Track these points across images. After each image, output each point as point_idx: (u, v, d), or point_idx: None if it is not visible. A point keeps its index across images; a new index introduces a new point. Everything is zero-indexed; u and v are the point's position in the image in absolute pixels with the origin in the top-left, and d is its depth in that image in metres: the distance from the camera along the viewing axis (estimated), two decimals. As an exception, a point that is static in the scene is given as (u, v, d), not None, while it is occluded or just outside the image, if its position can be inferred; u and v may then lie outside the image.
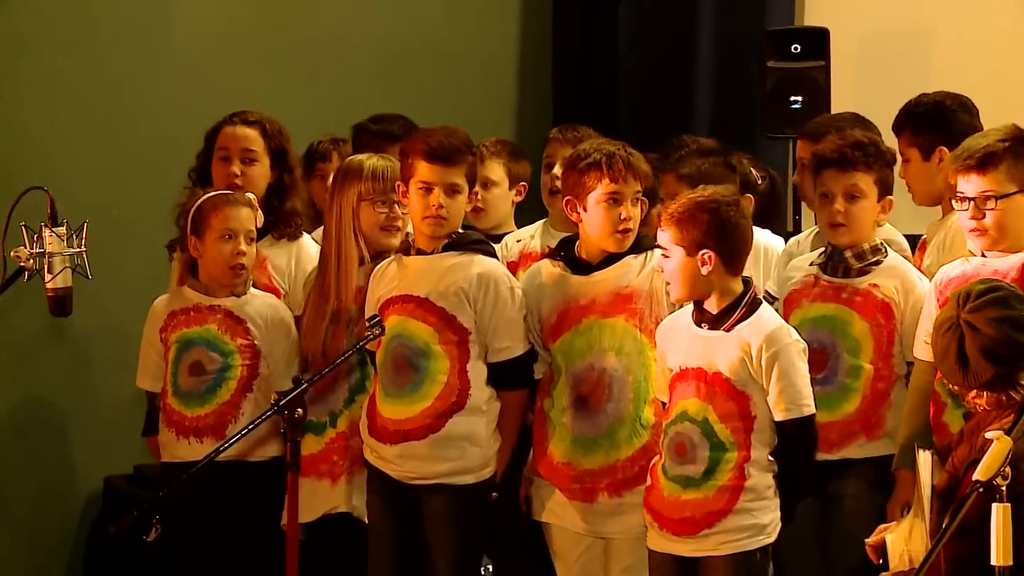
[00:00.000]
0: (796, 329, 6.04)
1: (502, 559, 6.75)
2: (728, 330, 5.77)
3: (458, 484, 6.12)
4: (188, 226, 6.44)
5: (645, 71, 9.96)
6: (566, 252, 6.21)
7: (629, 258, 6.11)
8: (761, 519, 5.75)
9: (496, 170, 7.22)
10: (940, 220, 6.46)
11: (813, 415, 5.80)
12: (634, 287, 6.08)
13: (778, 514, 5.79)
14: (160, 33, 8.61)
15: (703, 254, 5.73)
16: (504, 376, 6.18)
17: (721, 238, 5.78)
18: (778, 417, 5.74)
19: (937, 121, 6.59)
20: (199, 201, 6.45)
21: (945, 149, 6.42)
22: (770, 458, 5.77)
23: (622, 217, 6.02)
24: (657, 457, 5.88)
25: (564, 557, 6.21)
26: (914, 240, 6.66)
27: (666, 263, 5.76)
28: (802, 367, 5.78)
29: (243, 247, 6.45)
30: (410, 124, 7.35)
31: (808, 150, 6.91)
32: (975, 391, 5.19)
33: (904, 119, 6.67)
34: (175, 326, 6.47)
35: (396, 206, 6.37)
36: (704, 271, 5.74)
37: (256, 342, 6.49)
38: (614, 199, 6.02)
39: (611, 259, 6.11)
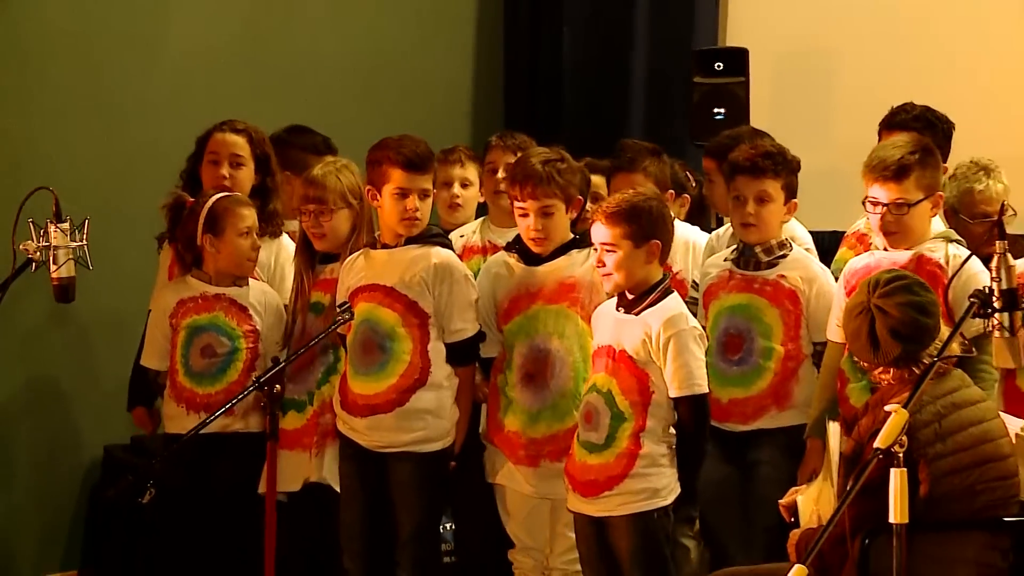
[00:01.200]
0: (715, 318, 6.19)
1: (461, 518, 6.76)
2: (636, 314, 5.82)
3: (422, 452, 6.15)
4: (201, 225, 6.41)
5: (586, 85, 9.98)
6: (520, 246, 6.23)
7: (574, 252, 6.14)
8: (656, 484, 5.79)
9: (473, 172, 7.24)
10: None
11: (705, 394, 5.85)
12: (576, 278, 6.12)
13: (674, 480, 5.84)
14: (154, 50, 8.60)
15: (652, 244, 5.79)
16: (459, 354, 6.21)
17: (663, 230, 5.86)
18: (673, 394, 5.79)
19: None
20: (209, 203, 6.44)
21: None
22: (671, 430, 5.81)
23: (527, 227, 6.11)
24: (577, 431, 5.92)
25: (514, 515, 6.26)
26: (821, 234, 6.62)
27: (610, 256, 5.76)
28: (697, 351, 5.82)
29: (256, 242, 6.51)
30: (325, 139, 7.37)
31: (712, 164, 7.02)
32: (882, 368, 5.26)
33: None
34: (184, 313, 6.46)
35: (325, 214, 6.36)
36: (650, 260, 5.79)
37: (257, 327, 6.51)
38: (521, 214, 6.12)
39: (557, 253, 6.14)
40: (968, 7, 8.82)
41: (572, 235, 6.17)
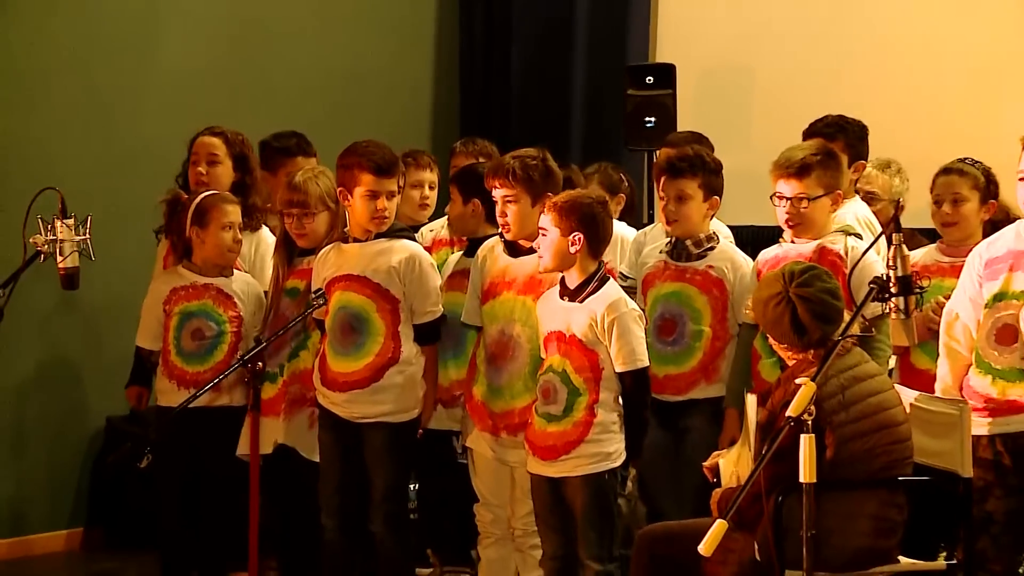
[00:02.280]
0: (652, 303, 6.17)
1: (426, 476, 6.77)
2: (581, 301, 5.79)
3: (394, 422, 6.14)
4: (189, 218, 6.42)
5: (533, 96, 9.96)
6: (504, 239, 6.21)
7: None
8: (607, 448, 5.77)
9: (436, 176, 7.27)
10: None
11: (646, 367, 5.83)
12: (543, 275, 6.05)
13: (622, 445, 5.82)
14: (147, 64, 8.57)
15: (574, 236, 5.75)
16: (425, 334, 6.20)
17: (590, 227, 5.80)
18: (618, 369, 5.76)
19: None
20: (198, 200, 6.46)
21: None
22: (616, 401, 5.80)
23: (497, 214, 6.12)
24: (536, 403, 5.90)
25: (480, 475, 6.24)
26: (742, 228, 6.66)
27: (543, 240, 5.77)
28: (637, 330, 5.80)
29: (238, 235, 6.50)
30: (303, 139, 7.32)
31: None
32: (787, 347, 5.28)
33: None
34: (176, 300, 6.45)
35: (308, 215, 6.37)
36: (572, 250, 5.75)
37: (241, 313, 6.51)
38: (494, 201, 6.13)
39: (533, 249, 6.08)
40: (866, 26, 8.86)
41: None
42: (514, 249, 6.14)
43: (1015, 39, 8.44)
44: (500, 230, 6.17)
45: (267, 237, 6.90)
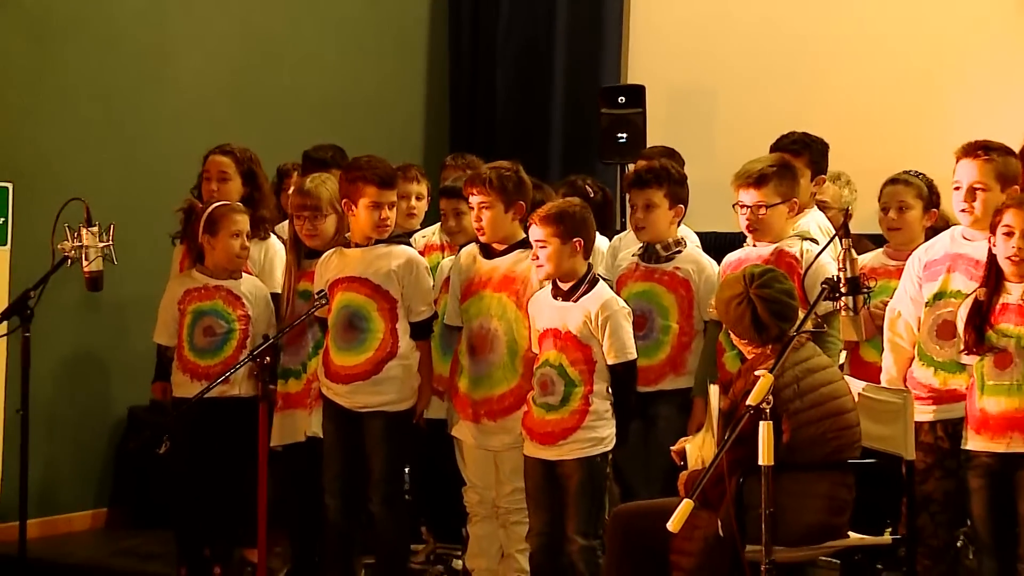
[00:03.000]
0: (625, 301, 6.09)
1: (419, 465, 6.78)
2: (575, 301, 5.80)
3: (391, 411, 6.14)
4: (201, 226, 6.44)
5: (515, 115, 9.97)
6: (480, 241, 6.22)
7: (519, 251, 6.11)
8: (600, 433, 5.79)
9: (424, 188, 7.21)
10: None
11: (635, 359, 5.86)
12: (517, 273, 6.08)
13: (613, 431, 5.84)
14: (163, 87, 8.59)
15: (575, 241, 5.78)
16: (420, 331, 6.20)
17: (585, 231, 5.85)
18: (610, 361, 5.78)
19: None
20: (210, 210, 6.47)
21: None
22: (608, 391, 5.81)
23: (473, 219, 6.13)
24: (531, 391, 5.90)
25: (467, 461, 6.24)
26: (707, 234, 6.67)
27: (543, 251, 5.77)
28: (626, 326, 5.82)
29: (245, 242, 6.51)
30: (340, 151, 7.32)
31: None
32: (748, 342, 5.31)
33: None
34: (190, 300, 6.46)
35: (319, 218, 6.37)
36: (574, 255, 5.79)
37: (249, 313, 6.51)
38: (470, 207, 6.15)
39: (508, 251, 6.14)
40: (820, 50, 8.88)
41: (525, 235, 6.10)
42: (488, 251, 6.15)
43: (954, 65, 8.49)
44: (476, 234, 6.19)
45: (275, 244, 6.90)
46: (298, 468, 6.37)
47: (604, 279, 6.34)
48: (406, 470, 6.67)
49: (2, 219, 7.72)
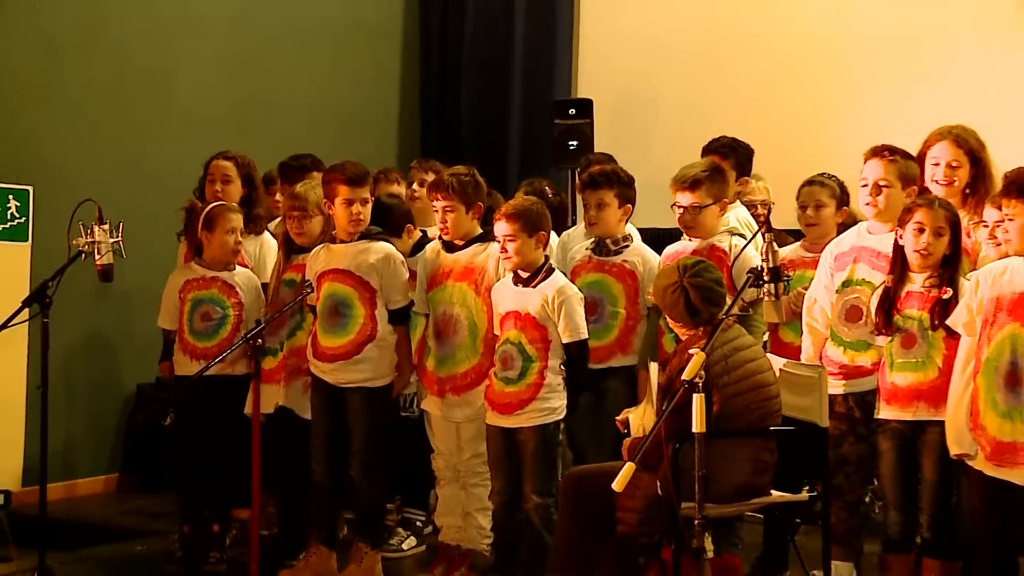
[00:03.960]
0: (579, 288, 6.12)
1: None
2: (534, 287, 5.81)
3: (371, 386, 6.14)
4: (200, 224, 6.43)
5: (479, 124, 9.97)
6: (443, 236, 6.22)
7: (476, 245, 6.12)
8: (553, 404, 5.79)
9: (402, 188, 7.19)
10: None
11: (586, 339, 5.86)
12: (476, 264, 6.09)
13: (564, 402, 5.85)
14: (169, 99, 8.62)
15: (539, 235, 5.82)
16: (398, 317, 6.18)
17: (546, 225, 5.89)
18: (565, 340, 5.79)
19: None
20: (207, 209, 6.46)
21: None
22: (561, 367, 5.82)
23: (438, 220, 6.14)
24: (492, 368, 5.91)
25: (435, 431, 6.26)
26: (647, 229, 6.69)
27: (511, 244, 5.78)
28: (579, 309, 5.83)
29: (239, 238, 6.50)
30: (316, 159, 7.21)
31: None
32: (682, 324, 5.31)
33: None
34: (189, 289, 6.43)
35: (307, 218, 6.37)
36: (538, 246, 5.82)
37: (242, 300, 6.48)
38: (435, 210, 6.14)
39: (466, 245, 6.14)
40: (745, 66, 8.91)
41: (481, 231, 6.14)
42: (449, 246, 6.16)
43: (860, 79, 8.53)
44: (439, 232, 6.21)
45: (268, 239, 6.89)
46: (280, 437, 6.32)
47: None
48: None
49: (23, 218, 7.73)
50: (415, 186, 7.15)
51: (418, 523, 6.96)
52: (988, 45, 8.19)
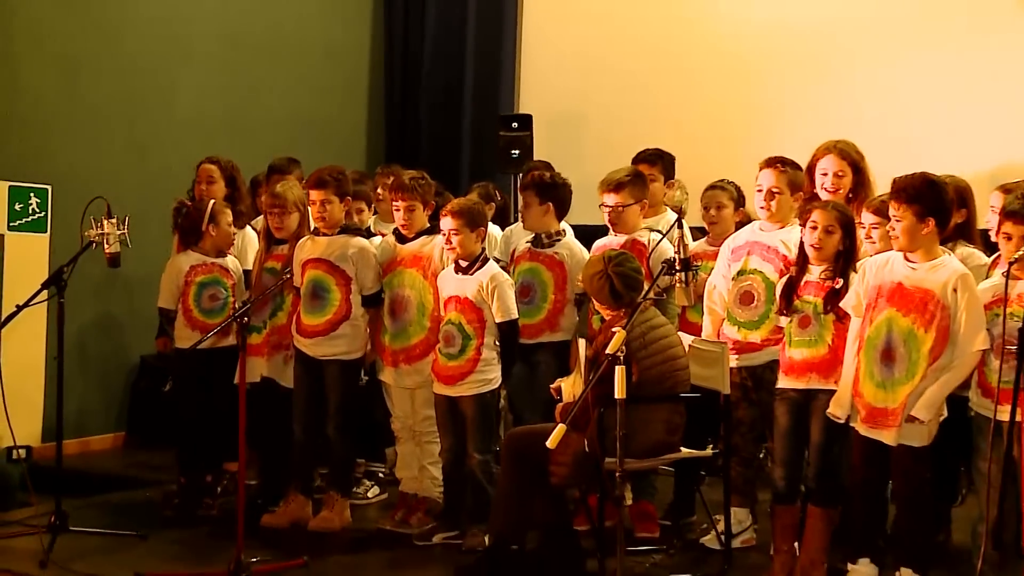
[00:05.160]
0: (517, 276, 6.14)
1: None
2: (472, 275, 5.81)
3: (345, 359, 6.13)
4: (206, 219, 6.44)
5: (435, 134, 9.90)
6: (397, 231, 6.20)
7: (424, 237, 6.11)
8: (488, 376, 5.79)
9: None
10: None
11: (516, 319, 5.86)
12: (424, 253, 6.08)
13: (499, 374, 5.85)
14: (169, 110, 8.57)
15: (480, 229, 5.82)
16: (370, 301, 6.14)
17: (485, 222, 5.92)
18: (497, 320, 5.78)
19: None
20: (212, 205, 6.49)
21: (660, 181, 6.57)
22: (495, 343, 5.82)
23: (399, 217, 6.13)
24: (437, 343, 5.90)
25: (391, 397, 6.24)
26: (579, 226, 6.67)
27: (456, 237, 5.78)
28: (510, 293, 5.82)
29: (234, 231, 6.59)
30: (295, 161, 7.23)
31: None
32: (607, 307, 5.34)
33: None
34: (195, 274, 6.42)
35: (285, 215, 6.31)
36: (478, 240, 5.81)
37: (234, 283, 6.50)
38: (396, 209, 6.13)
39: (416, 237, 6.12)
40: (664, 88, 8.92)
41: (429, 225, 6.11)
42: (402, 239, 6.15)
43: (758, 96, 8.58)
44: (397, 225, 6.20)
45: (249, 233, 6.86)
46: (268, 402, 6.28)
47: (499, 260, 6.36)
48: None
49: (43, 213, 7.68)
50: (379, 190, 7.10)
51: (380, 475, 6.96)
52: (876, 72, 8.22)
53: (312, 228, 6.27)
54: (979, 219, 5.68)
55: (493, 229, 6.64)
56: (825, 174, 5.72)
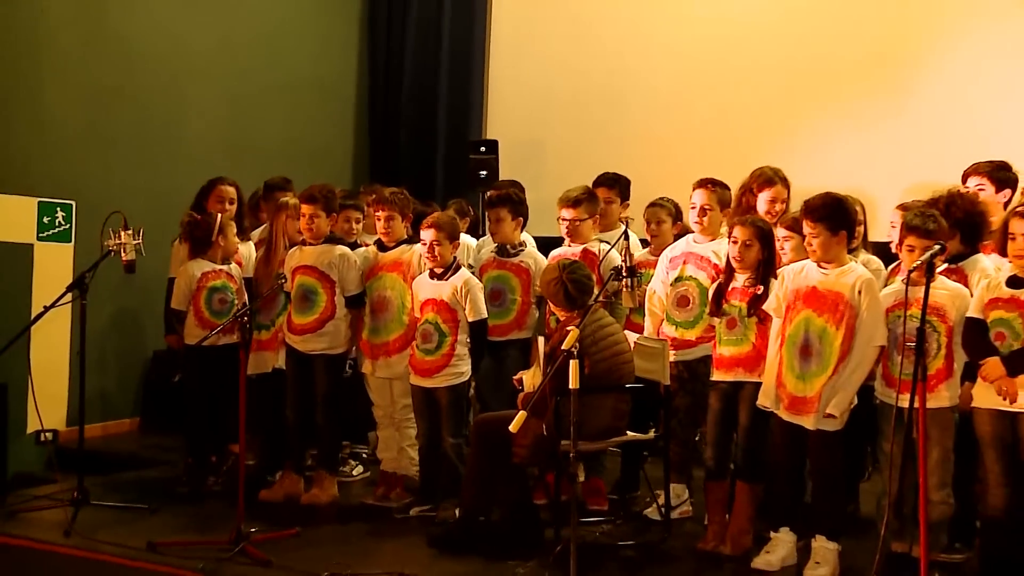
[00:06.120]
0: (486, 282, 6.12)
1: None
2: (447, 280, 5.81)
3: (331, 354, 6.13)
4: (216, 230, 6.42)
5: (413, 157, 9.86)
6: (378, 241, 6.20)
7: (404, 246, 6.11)
8: (460, 369, 5.80)
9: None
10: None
11: (486, 319, 5.86)
12: (403, 259, 6.06)
13: (469, 367, 5.86)
14: (177, 134, 8.49)
15: (456, 241, 5.83)
16: (352, 302, 6.13)
17: (458, 234, 5.93)
18: (470, 319, 5.79)
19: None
20: (221, 219, 6.48)
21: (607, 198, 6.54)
22: (467, 340, 5.82)
23: (380, 228, 6.11)
24: (414, 340, 5.89)
25: (372, 388, 6.23)
26: (540, 237, 6.67)
27: (437, 247, 5.77)
28: (480, 296, 5.83)
29: (239, 241, 6.59)
30: (287, 180, 7.14)
31: None
32: (562, 309, 5.34)
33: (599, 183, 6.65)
34: (206, 279, 6.38)
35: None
36: (454, 250, 5.82)
37: (238, 288, 6.48)
38: (378, 219, 6.12)
39: (396, 246, 6.11)
40: (612, 116, 8.92)
41: (408, 236, 6.12)
42: (383, 247, 6.14)
43: (692, 123, 8.58)
44: (379, 235, 6.18)
45: (251, 244, 6.84)
46: (267, 391, 6.29)
47: (472, 267, 6.37)
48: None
49: (68, 225, 7.63)
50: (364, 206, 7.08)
51: (364, 455, 6.95)
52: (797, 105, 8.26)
53: (301, 239, 6.27)
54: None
55: (468, 239, 6.66)
56: (772, 200, 5.77)
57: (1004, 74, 7.54)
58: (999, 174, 5.58)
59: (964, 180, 5.62)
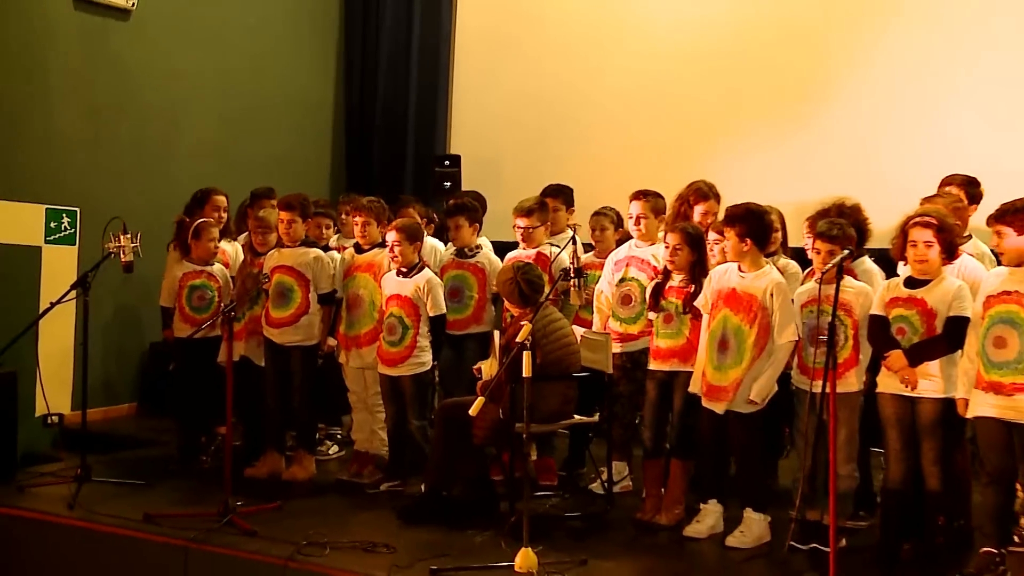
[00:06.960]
0: (446, 280, 6.10)
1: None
2: (411, 278, 5.81)
3: (305, 345, 6.09)
4: (191, 233, 6.37)
5: (385, 169, 9.74)
6: (356, 244, 6.18)
7: (377, 248, 6.08)
8: (422, 359, 5.79)
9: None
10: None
11: (445, 314, 5.86)
12: (376, 261, 6.05)
13: (430, 357, 5.85)
14: (173, 151, 8.41)
15: (417, 243, 5.82)
16: (324, 299, 6.11)
17: (421, 237, 5.94)
18: (431, 314, 5.79)
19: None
20: (195, 224, 6.40)
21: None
22: (428, 333, 5.81)
23: (357, 233, 6.10)
24: (382, 333, 5.87)
25: (349, 378, 6.21)
26: (496, 242, 6.64)
27: (398, 247, 5.77)
28: (440, 293, 5.83)
29: (217, 244, 6.47)
30: (271, 188, 7.04)
31: None
32: (517, 306, 5.35)
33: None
34: (187, 279, 6.36)
35: (267, 233, 6.29)
36: (415, 251, 5.81)
37: (220, 286, 6.42)
38: (356, 225, 6.12)
39: (370, 248, 6.09)
40: (565, 127, 8.87)
41: (382, 240, 6.07)
42: (359, 250, 6.13)
43: (636, 139, 8.59)
44: (356, 239, 6.17)
45: (238, 246, 6.77)
46: (239, 377, 6.24)
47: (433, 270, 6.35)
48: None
49: (73, 230, 7.56)
50: (342, 214, 7.05)
51: (338, 436, 6.93)
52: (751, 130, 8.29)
53: (278, 241, 6.23)
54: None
55: (436, 243, 6.64)
56: (705, 213, 5.79)
57: (908, 101, 7.66)
58: (969, 189, 5.57)
59: (940, 188, 5.60)
